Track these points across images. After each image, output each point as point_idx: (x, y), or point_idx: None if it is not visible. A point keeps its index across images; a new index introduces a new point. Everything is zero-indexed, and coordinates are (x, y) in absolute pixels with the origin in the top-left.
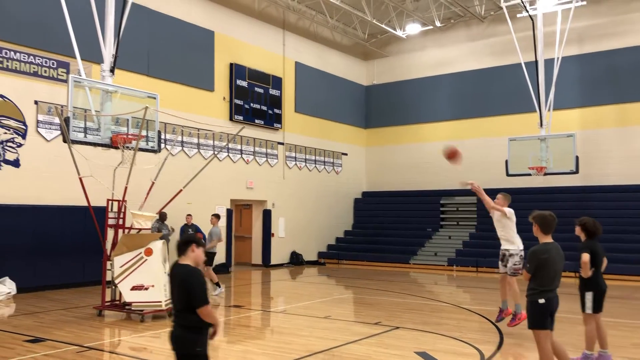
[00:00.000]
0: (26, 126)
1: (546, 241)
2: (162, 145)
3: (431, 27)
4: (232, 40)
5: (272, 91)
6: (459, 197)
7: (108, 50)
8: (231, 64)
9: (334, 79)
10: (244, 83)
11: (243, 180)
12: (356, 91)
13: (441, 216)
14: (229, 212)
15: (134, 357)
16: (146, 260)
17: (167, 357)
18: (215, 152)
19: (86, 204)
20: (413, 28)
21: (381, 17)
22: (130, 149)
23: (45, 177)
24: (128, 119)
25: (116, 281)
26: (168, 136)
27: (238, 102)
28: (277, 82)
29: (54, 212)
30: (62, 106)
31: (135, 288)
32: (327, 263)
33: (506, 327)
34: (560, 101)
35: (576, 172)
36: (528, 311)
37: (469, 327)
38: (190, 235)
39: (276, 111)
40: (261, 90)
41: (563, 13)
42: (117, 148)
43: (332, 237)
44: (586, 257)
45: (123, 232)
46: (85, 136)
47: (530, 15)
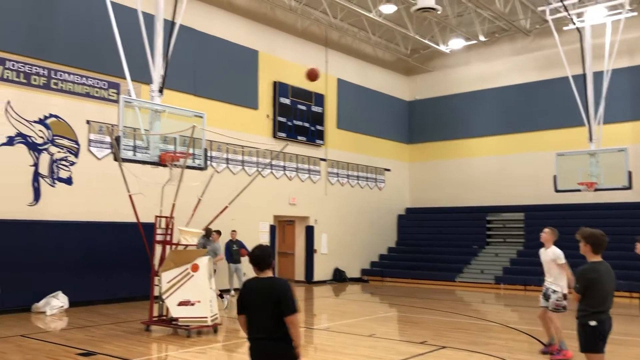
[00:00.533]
0: (78, 145)
1: (595, 260)
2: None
3: (475, 42)
4: (276, 59)
5: (315, 108)
6: (506, 214)
7: (157, 71)
8: (274, 82)
9: (376, 95)
10: (287, 101)
11: (286, 196)
12: (399, 107)
13: (487, 233)
14: (272, 228)
15: None
16: (192, 276)
17: None
18: (259, 169)
19: (135, 221)
20: (456, 43)
21: (424, 33)
22: (177, 167)
23: (96, 195)
24: (176, 138)
25: (163, 296)
26: (214, 154)
27: (281, 120)
28: (320, 99)
29: (105, 228)
30: (113, 125)
31: (182, 303)
32: (371, 280)
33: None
34: (610, 115)
35: (629, 188)
36: (579, 334)
37: (518, 348)
38: (265, 248)
39: (318, 128)
40: (304, 107)
41: (613, 24)
42: (165, 166)
43: (376, 254)
44: None
45: (170, 248)
46: (134, 154)
47: (577, 28)
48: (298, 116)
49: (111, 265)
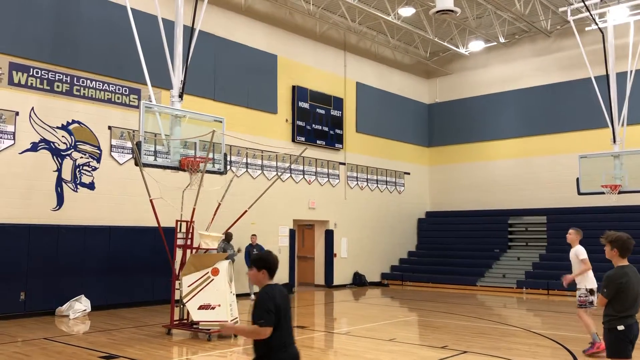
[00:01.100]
0: (100, 150)
1: (622, 264)
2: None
3: (495, 44)
4: (294, 63)
5: (334, 112)
6: (528, 217)
7: (177, 76)
8: (293, 87)
9: (396, 98)
10: (306, 105)
11: (305, 200)
12: (418, 110)
13: (509, 236)
14: (292, 232)
15: None
16: (213, 279)
17: None
18: (278, 173)
19: (156, 225)
20: (476, 45)
21: (443, 35)
22: (198, 172)
23: (117, 199)
24: (196, 143)
25: (184, 300)
26: (233, 158)
27: (300, 124)
28: (339, 103)
29: (126, 233)
30: (134, 131)
31: (202, 307)
32: (391, 284)
33: (582, 354)
34: (635, 116)
35: None
36: (606, 339)
37: (542, 353)
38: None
39: (337, 131)
40: (323, 111)
41: (635, 24)
42: (186, 170)
43: (396, 258)
44: None
45: (191, 252)
46: (155, 159)
47: (599, 28)
48: (317, 120)
49: (133, 269)
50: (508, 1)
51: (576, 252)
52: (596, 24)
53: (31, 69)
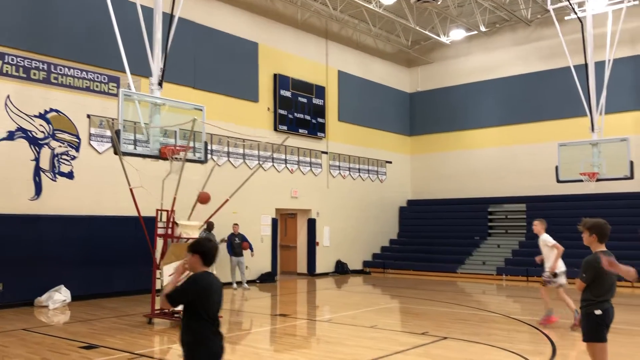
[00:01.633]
0: (79, 139)
1: (600, 249)
2: (209, 156)
3: (476, 32)
4: (276, 51)
5: (316, 100)
6: (508, 205)
7: (156, 64)
8: (275, 75)
9: (377, 87)
10: (288, 93)
11: (287, 189)
12: (400, 99)
13: (489, 224)
14: (274, 222)
15: None
16: None
17: None
18: (260, 162)
19: (136, 214)
20: (457, 34)
21: (424, 24)
22: (178, 160)
23: (97, 189)
24: (176, 131)
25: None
26: (214, 147)
27: (282, 112)
28: (321, 92)
29: (106, 222)
30: (113, 119)
31: None
32: (373, 272)
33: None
34: (612, 104)
35: (631, 178)
36: (583, 323)
37: (520, 338)
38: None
39: (320, 120)
40: (305, 100)
41: (614, 13)
42: (166, 159)
43: (378, 246)
44: None
45: (172, 242)
46: (135, 148)
47: (579, 17)
48: (299, 109)
49: (113, 259)
50: None
51: (544, 240)
52: (575, 13)
53: (6, 57)
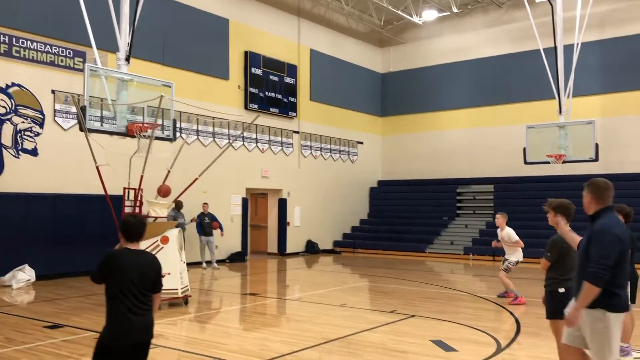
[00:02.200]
0: (43, 115)
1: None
2: (178, 133)
3: (448, 13)
4: (247, 27)
5: (287, 79)
6: (476, 186)
7: (123, 39)
8: (246, 52)
9: (350, 67)
10: (259, 71)
11: (258, 169)
12: (372, 79)
13: (457, 205)
14: (245, 201)
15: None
16: (162, 248)
17: (185, 344)
18: (230, 141)
19: (103, 193)
20: (429, 14)
21: (397, 4)
22: (146, 138)
23: (62, 166)
24: (144, 108)
25: None
26: (183, 125)
27: (253, 91)
28: (292, 70)
29: (72, 201)
30: (79, 95)
31: None
32: (343, 252)
33: (523, 316)
34: (580, 88)
35: (596, 160)
36: (547, 301)
37: (486, 316)
38: (142, 218)
39: (291, 99)
40: (276, 78)
41: None
42: (133, 137)
43: (348, 226)
44: None
45: None
46: (101, 125)
47: (549, 0)
48: (270, 87)
49: (79, 237)
50: None
51: (509, 235)
52: None
53: None
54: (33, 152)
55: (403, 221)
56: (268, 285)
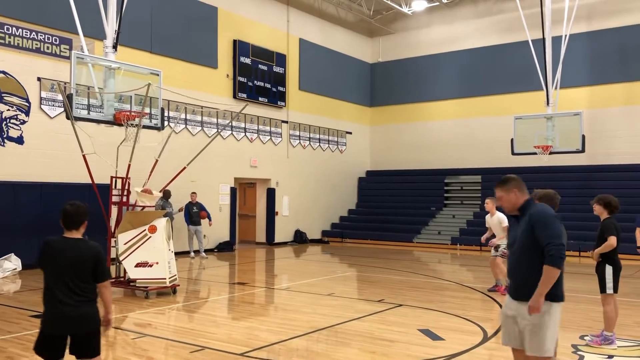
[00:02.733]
0: (29, 103)
1: None
2: (166, 122)
3: (437, 4)
4: (236, 16)
5: (276, 68)
6: (464, 176)
7: (110, 26)
8: (234, 41)
9: (339, 56)
10: (248, 60)
11: (247, 158)
12: (361, 69)
13: (445, 195)
14: (233, 191)
15: (139, 333)
16: (150, 237)
17: (173, 333)
18: (218, 130)
19: (90, 182)
20: (419, 4)
21: None
22: (133, 126)
23: (48, 155)
24: (131, 96)
25: (120, 258)
26: (171, 114)
27: (241, 80)
28: (281, 59)
29: (58, 189)
30: (65, 83)
31: (139, 265)
32: (331, 241)
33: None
34: (567, 79)
35: (582, 151)
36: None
37: (472, 305)
38: (79, 206)
39: (280, 89)
40: (265, 67)
41: None
42: (121, 125)
43: (336, 216)
44: (613, 240)
45: (127, 210)
46: (88, 113)
47: None
48: (259, 76)
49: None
50: None
51: (500, 220)
52: None
53: None
54: (19, 140)
55: (391, 211)
56: (256, 274)
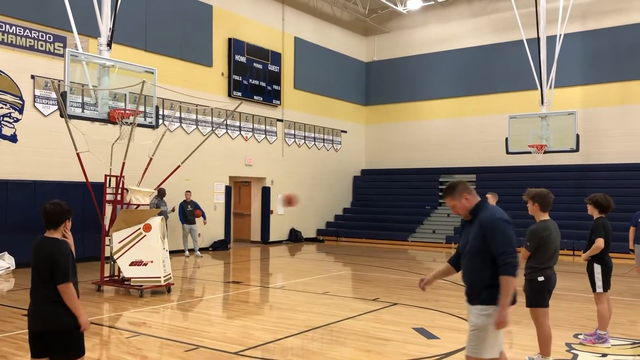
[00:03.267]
0: (23, 101)
1: (544, 219)
2: (160, 121)
3: (432, 3)
4: (231, 14)
5: (271, 67)
6: (458, 175)
7: (105, 24)
8: (230, 39)
9: (334, 55)
10: (243, 58)
11: (242, 157)
12: (356, 68)
13: (440, 194)
14: (228, 189)
15: (134, 332)
16: (145, 236)
17: (167, 332)
18: (213, 129)
19: (84, 180)
20: (414, 3)
21: None
22: (128, 125)
23: (42, 153)
24: (126, 94)
25: (115, 257)
26: (166, 112)
27: (236, 78)
28: (277, 58)
29: (52, 188)
30: (59, 81)
31: (134, 264)
32: (326, 240)
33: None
34: (562, 79)
35: (576, 150)
36: (527, 290)
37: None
38: (57, 205)
39: (275, 87)
40: (260, 66)
41: None
42: (115, 123)
43: (331, 215)
44: (601, 242)
45: (121, 208)
46: (82, 111)
47: None
48: (254, 75)
49: None
50: None
51: None
52: None
53: None
54: (12, 139)
55: (386, 210)
56: (251, 273)
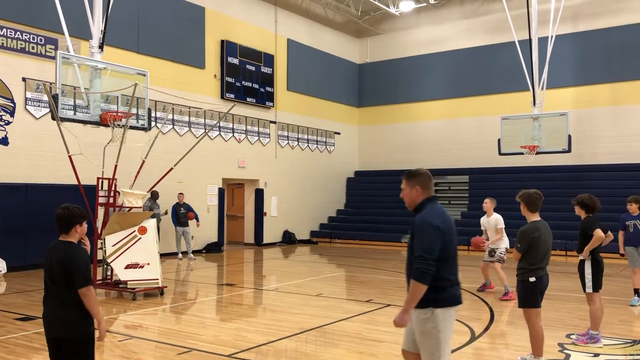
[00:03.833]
0: (14, 103)
1: (534, 219)
2: (153, 123)
3: (425, 4)
4: (223, 16)
5: (264, 69)
6: (451, 177)
7: (97, 26)
8: (222, 41)
9: (327, 57)
10: (235, 60)
11: (235, 159)
12: (349, 69)
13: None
14: (221, 191)
15: (127, 335)
16: (140, 238)
17: (160, 335)
18: (206, 131)
19: (76, 183)
20: (406, 5)
21: None
22: (120, 127)
23: (34, 155)
24: (118, 97)
25: (108, 260)
26: (159, 114)
27: (229, 80)
28: (269, 60)
29: (44, 191)
30: (51, 83)
31: (129, 266)
32: (320, 242)
33: (497, 305)
34: (553, 80)
35: (568, 151)
36: (519, 290)
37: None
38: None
39: (268, 89)
40: (253, 67)
41: None
42: (107, 126)
43: (325, 216)
44: (600, 233)
45: (114, 211)
46: (74, 114)
47: None
48: (247, 77)
49: (52, 228)
50: None
51: (497, 222)
52: None
53: None
54: (3, 141)
55: (379, 211)
56: (244, 275)
